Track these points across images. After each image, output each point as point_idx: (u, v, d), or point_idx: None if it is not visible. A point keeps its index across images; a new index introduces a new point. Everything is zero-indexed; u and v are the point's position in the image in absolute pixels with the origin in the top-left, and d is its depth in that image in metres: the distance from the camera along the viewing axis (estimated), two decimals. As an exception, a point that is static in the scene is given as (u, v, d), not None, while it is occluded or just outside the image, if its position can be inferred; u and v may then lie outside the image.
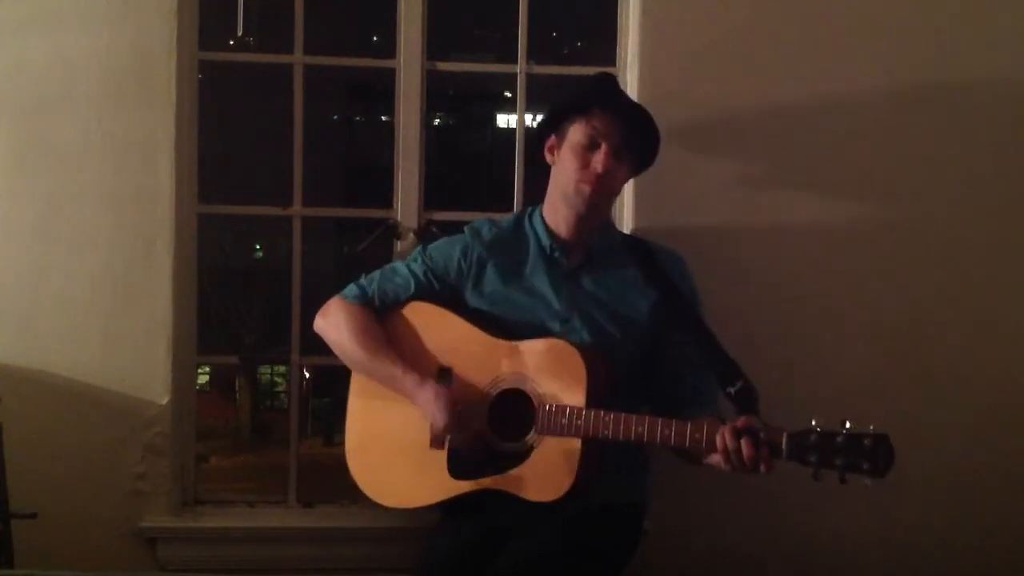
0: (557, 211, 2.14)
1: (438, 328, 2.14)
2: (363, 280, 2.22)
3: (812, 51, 2.48)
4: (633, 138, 2.10)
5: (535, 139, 2.21)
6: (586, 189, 2.06)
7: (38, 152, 2.40)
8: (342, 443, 2.26)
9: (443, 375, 2.09)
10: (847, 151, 2.49)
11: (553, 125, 2.15)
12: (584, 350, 1.98)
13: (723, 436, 1.80)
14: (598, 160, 2.05)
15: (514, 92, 2.61)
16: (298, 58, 2.58)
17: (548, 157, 2.17)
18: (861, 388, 2.47)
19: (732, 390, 1.98)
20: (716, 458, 1.83)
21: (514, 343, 2.05)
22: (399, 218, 2.58)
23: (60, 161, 2.40)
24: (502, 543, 2.01)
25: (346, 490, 2.34)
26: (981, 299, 2.51)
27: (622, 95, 2.19)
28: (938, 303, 2.51)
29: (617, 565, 2.10)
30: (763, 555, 2.48)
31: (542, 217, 2.18)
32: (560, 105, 2.15)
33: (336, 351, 2.20)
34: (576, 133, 2.08)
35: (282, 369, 12.74)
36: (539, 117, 2.21)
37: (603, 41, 2.63)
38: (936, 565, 2.51)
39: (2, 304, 2.41)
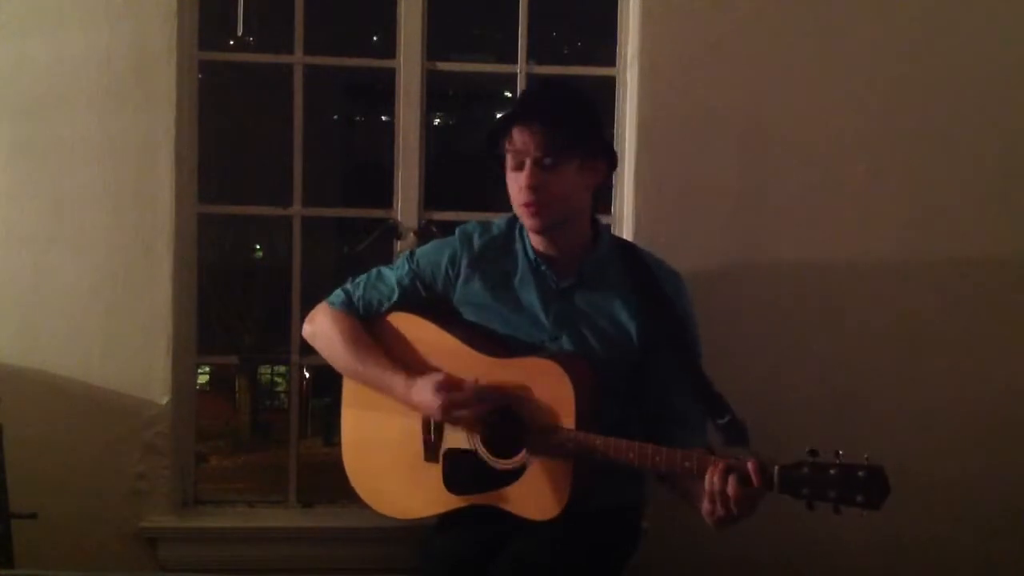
0: (532, 234, 2.08)
1: (428, 343, 2.10)
2: (349, 286, 2.19)
3: (813, 51, 2.48)
4: (559, 137, 1.95)
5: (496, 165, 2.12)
6: (525, 212, 1.99)
7: (38, 152, 2.40)
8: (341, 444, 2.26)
9: None
10: (848, 150, 2.49)
11: (494, 159, 2.06)
12: (571, 369, 1.93)
13: (711, 476, 1.74)
14: (522, 177, 1.97)
15: (514, 92, 2.61)
16: (298, 58, 2.58)
17: None
18: (861, 395, 2.48)
19: (721, 422, 1.93)
20: (705, 506, 1.78)
21: (503, 360, 2.00)
22: (399, 218, 2.58)
23: (60, 161, 2.40)
24: (502, 543, 2.01)
25: (346, 490, 2.33)
26: (981, 305, 2.51)
27: (538, 102, 2.04)
28: (938, 306, 2.51)
29: (617, 565, 2.09)
30: (762, 555, 2.48)
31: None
32: (489, 140, 2.07)
33: (325, 357, 2.19)
34: (508, 159, 2.02)
35: (282, 369, 12.73)
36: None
37: (603, 41, 2.63)
38: (937, 566, 2.51)
39: (2, 304, 2.41)
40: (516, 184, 2.00)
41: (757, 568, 2.49)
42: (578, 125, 2.00)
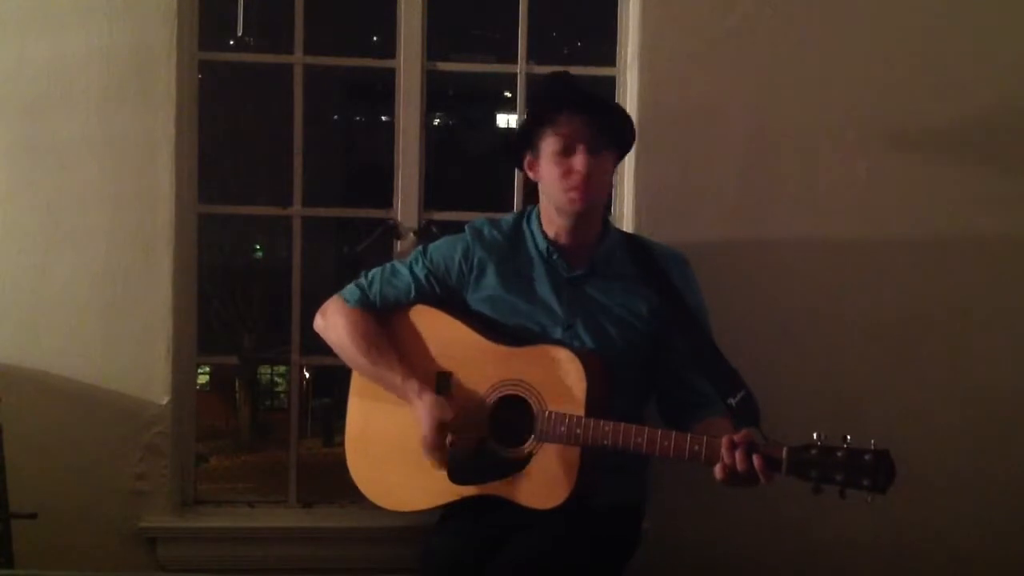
0: (553, 221, 2.12)
1: (439, 332, 2.13)
2: (363, 280, 2.21)
3: (813, 52, 2.47)
4: (604, 126, 2.05)
5: (513, 159, 2.18)
6: (576, 196, 2.02)
7: (38, 152, 2.40)
8: (342, 443, 2.27)
9: (442, 380, 2.09)
10: (848, 149, 2.49)
11: (524, 143, 2.12)
12: (583, 357, 1.96)
13: (737, 454, 1.77)
14: (578, 162, 2.01)
15: (514, 92, 2.61)
16: (298, 58, 2.58)
17: (531, 174, 2.14)
18: (862, 390, 2.48)
19: (733, 402, 1.96)
20: (717, 468, 1.81)
21: (515, 349, 2.04)
22: (399, 218, 2.58)
23: (60, 161, 2.40)
24: (502, 543, 2.01)
25: (346, 490, 2.34)
26: (980, 300, 2.51)
27: (578, 90, 2.10)
28: (937, 304, 2.51)
29: (616, 565, 2.10)
30: (763, 555, 2.48)
31: (539, 221, 2.15)
32: (524, 123, 2.14)
33: (336, 352, 2.20)
34: (549, 144, 2.05)
35: (282, 369, 12.73)
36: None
37: (603, 41, 2.63)
38: (936, 565, 2.51)
39: (2, 304, 2.40)
40: (561, 167, 2.03)
41: (757, 568, 2.49)
42: (620, 116, 2.12)
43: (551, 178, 2.06)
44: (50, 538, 2.29)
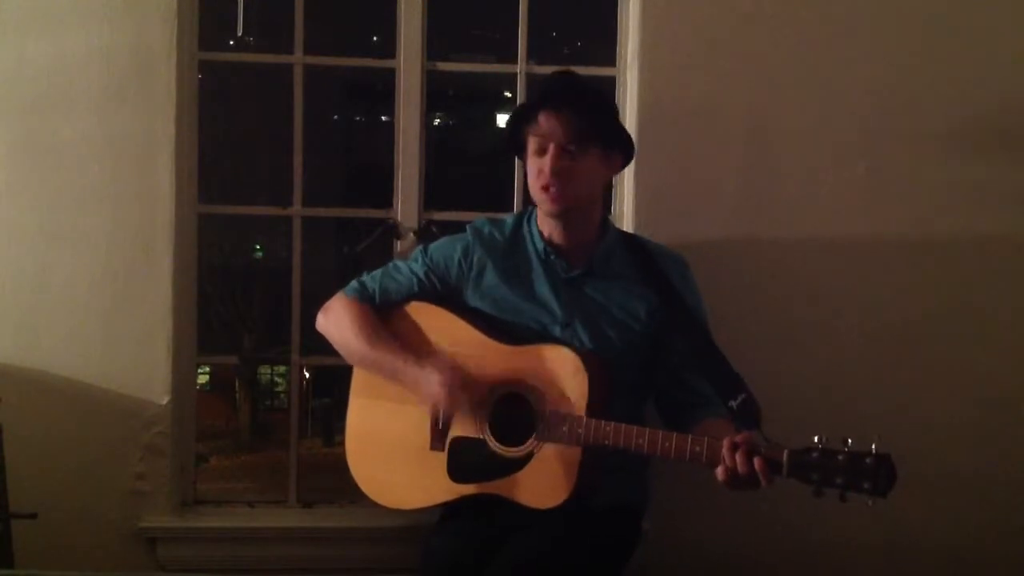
0: (545, 221, 2.13)
1: (440, 329, 2.13)
2: (365, 277, 2.22)
3: (813, 52, 2.47)
4: (584, 125, 2.02)
5: (510, 153, 2.19)
6: (543, 194, 2.03)
7: (38, 152, 2.40)
8: (342, 443, 2.27)
9: None
10: (848, 149, 2.49)
11: (514, 144, 2.13)
12: (585, 357, 1.97)
13: (738, 456, 1.77)
14: (544, 162, 2.02)
15: (514, 92, 2.61)
16: (298, 58, 2.58)
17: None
18: (862, 390, 2.48)
19: (734, 404, 1.95)
20: (718, 470, 1.81)
21: (516, 348, 2.04)
22: (399, 218, 2.58)
23: (60, 161, 2.40)
24: (502, 543, 2.01)
25: (346, 490, 2.34)
26: (980, 300, 2.51)
27: (565, 90, 2.08)
28: (937, 305, 2.51)
29: (616, 565, 2.10)
30: (762, 555, 2.48)
31: (537, 222, 2.16)
32: (508, 123, 2.15)
33: (338, 347, 2.20)
34: (530, 144, 2.07)
35: (282, 369, 12.75)
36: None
37: (603, 41, 2.63)
38: (936, 565, 2.51)
39: (2, 304, 2.40)
40: (536, 167, 2.04)
41: (757, 568, 2.49)
42: (603, 115, 2.09)
43: (530, 178, 2.08)
44: (50, 538, 2.29)
